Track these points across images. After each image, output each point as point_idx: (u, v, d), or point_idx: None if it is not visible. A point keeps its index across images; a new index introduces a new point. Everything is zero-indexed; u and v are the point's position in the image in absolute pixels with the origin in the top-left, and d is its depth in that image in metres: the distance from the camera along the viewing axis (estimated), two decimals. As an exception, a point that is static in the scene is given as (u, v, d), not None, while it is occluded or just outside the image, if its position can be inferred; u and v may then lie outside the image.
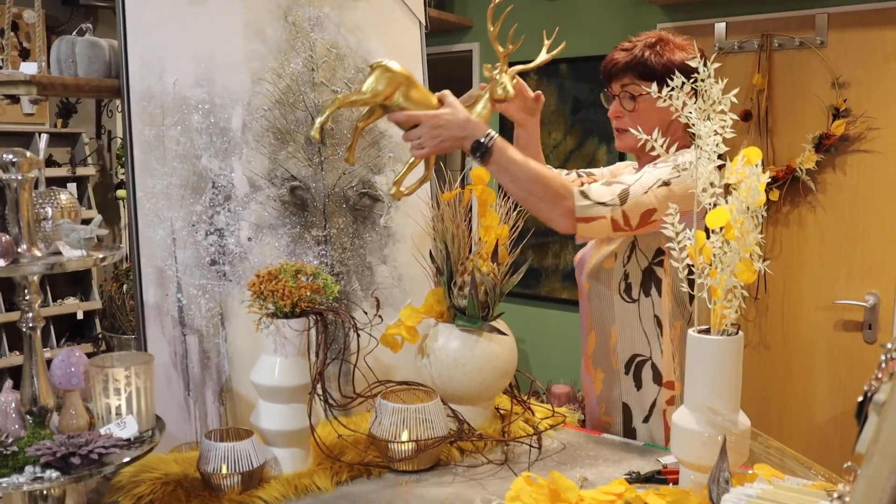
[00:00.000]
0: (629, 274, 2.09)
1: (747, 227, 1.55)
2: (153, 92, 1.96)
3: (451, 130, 1.94)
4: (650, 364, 2.08)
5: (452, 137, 1.94)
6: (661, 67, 2.02)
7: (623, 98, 2.10)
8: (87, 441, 1.45)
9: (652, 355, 2.08)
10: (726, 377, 1.57)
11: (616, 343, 2.13)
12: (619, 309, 2.12)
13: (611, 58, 2.13)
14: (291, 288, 1.73)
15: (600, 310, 2.17)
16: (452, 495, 1.73)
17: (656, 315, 2.07)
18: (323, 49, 2.22)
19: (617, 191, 1.91)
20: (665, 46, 2.06)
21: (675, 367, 2.06)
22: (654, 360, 2.08)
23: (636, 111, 2.08)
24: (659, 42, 2.07)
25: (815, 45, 3.45)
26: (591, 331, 2.21)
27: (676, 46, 2.07)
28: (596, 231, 1.93)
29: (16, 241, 1.49)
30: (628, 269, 2.10)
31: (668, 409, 2.06)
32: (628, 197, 1.90)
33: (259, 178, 2.07)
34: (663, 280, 2.06)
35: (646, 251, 2.07)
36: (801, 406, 3.62)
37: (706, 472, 1.53)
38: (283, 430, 1.77)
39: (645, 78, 2.05)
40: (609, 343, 2.15)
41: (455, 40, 4.71)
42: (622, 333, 2.12)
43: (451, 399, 2.01)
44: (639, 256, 2.08)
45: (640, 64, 2.05)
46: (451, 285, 2.05)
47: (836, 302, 3.50)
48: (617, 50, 2.13)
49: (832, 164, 3.46)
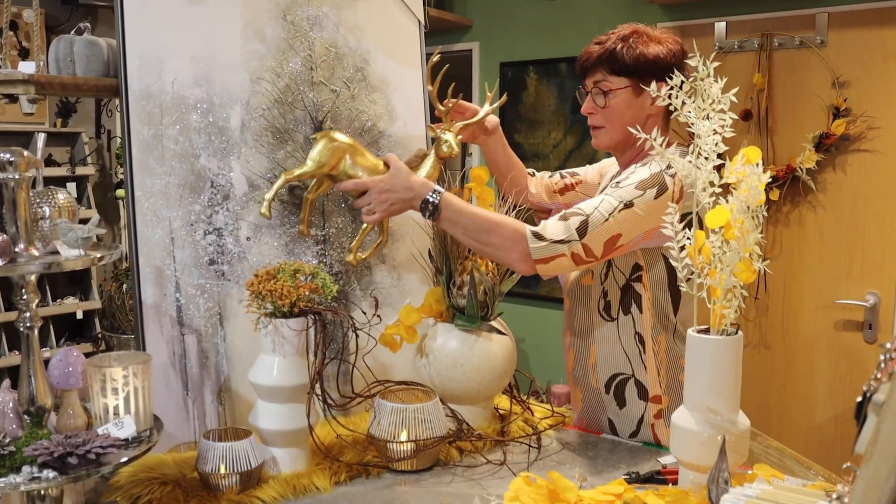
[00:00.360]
0: (608, 292, 2.05)
1: (747, 226, 1.54)
2: (152, 91, 1.95)
3: (398, 193, 1.94)
4: (633, 381, 2.03)
5: (401, 200, 1.95)
6: (632, 61, 1.97)
7: (595, 94, 2.04)
8: (85, 441, 1.45)
9: (635, 373, 2.03)
10: (726, 377, 1.56)
11: (595, 362, 2.08)
12: (598, 328, 2.07)
13: (585, 51, 2.07)
14: (290, 287, 1.73)
15: (580, 327, 2.12)
16: (451, 495, 1.72)
17: (638, 332, 2.02)
18: (322, 48, 2.21)
19: (575, 224, 1.86)
20: (638, 39, 1.99)
21: (660, 381, 2.01)
22: (638, 376, 2.02)
23: (608, 108, 2.02)
24: (633, 34, 2.00)
25: (815, 44, 3.45)
26: (571, 349, 2.16)
27: (651, 39, 2.00)
28: (557, 269, 1.89)
29: (13, 240, 1.49)
30: (606, 286, 2.05)
31: (657, 422, 2.02)
32: (587, 228, 1.85)
33: (258, 178, 2.07)
34: (643, 295, 2.01)
35: (622, 268, 2.02)
36: (801, 406, 3.62)
37: (705, 472, 1.52)
38: (282, 429, 1.77)
39: (617, 73, 1.99)
40: (588, 361, 2.11)
41: (455, 40, 4.70)
42: (601, 352, 2.07)
43: (450, 399, 2.01)
44: (616, 274, 2.03)
45: (611, 57, 1.99)
46: (449, 285, 2.04)
47: (836, 302, 3.49)
48: (592, 44, 2.07)
49: (832, 164, 3.46)
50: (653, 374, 2.01)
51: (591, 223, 1.85)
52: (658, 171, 1.88)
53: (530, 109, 4.43)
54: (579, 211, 1.88)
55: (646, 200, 1.86)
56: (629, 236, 1.88)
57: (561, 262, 1.87)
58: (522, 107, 4.46)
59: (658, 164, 1.89)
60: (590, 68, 2.04)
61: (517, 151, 2.43)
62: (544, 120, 4.38)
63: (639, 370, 2.02)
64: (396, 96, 2.36)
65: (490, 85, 2.39)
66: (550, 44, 4.27)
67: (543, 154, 4.43)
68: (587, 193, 2.29)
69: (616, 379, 2.04)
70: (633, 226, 1.87)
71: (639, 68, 1.96)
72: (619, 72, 1.98)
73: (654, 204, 1.85)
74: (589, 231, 1.85)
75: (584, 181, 2.36)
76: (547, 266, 1.88)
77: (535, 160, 4.43)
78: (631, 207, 1.85)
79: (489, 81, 4.53)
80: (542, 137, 4.43)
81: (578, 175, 2.38)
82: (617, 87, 1.99)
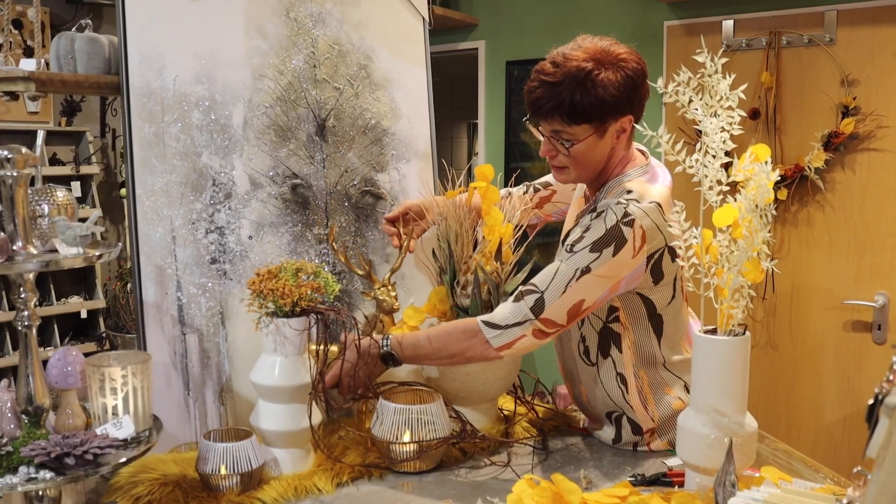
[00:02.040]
0: (585, 336, 1.97)
1: (755, 225, 1.52)
2: (153, 88, 1.94)
3: (362, 368, 1.88)
4: (626, 418, 1.97)
5: (367, 367, 1.89)
6: (593, 108, 1.79)
7: (557, 144, 1.88)
8: (83, 441, 1.43)
9: (625, 412, 1.97)
10: (733, 378, 1.54)
11: (588, 400, 2.04)
12: (581, 370, 2.02)
13: (533, 91, 1.86)
14: (292, 287, 1.71)
15: (567, 367, 2.07)
16: (454, 497, 1.70)
17: (619, 373, 1.94)
18: (325, 45, 2.19)
19: (529, 304, 1.78)
20: (598, 76, 1.78)
21: (650, 415, 1.95)
22: (628, 414, 1.97)
23: (572, 154, 1.86)
24: (592, 72, 1.79)
25: (824, 42, 3.41)
26: (566, 381, 2.11)
27: (606, 65, 1.80)
28: (524, 348, 1.84)
29: (11, 238, 1.48)
30: (583, 331, 1.97)
31: (653, 440, 1.97)
32: (544, 305, 1.78)
33: (260, 176, 2.05)
34: (622, 335, 1.93)
35: (598, 312, 1.93)
36: (809, 407, 3.58)
37: (712, 474, 1.51)
38: (283, 430, 1.75)
39: (577, 122, 1.81)
40: (582, 398, 2.06)
41: (460, 38, 4.68)
42: (590, 393, 2.02)
43: (454, 400, 1.99)
44: (592, 319, 1.95)
45: (570, 109, 1.80)
46: (453, 284, 2.02)
47: (844, 302, 3.46)
48: (539, 78, 1.85)
49: (841, 163, 3.42)
50: (640, 411, 1.95)
51: (547, 299, 1.78)
52: (614, 222, 1.76)
53: (536, 108, 4.40)
54: (534, 288, 1.80)
55: (603, 262, 1.76)
56: (593, 298, 1.80)
57: (524, 343, 1.81)
58: (528, 106, 4.44)
59: (614, 214, 1.77)
60: (543, 115, 1.86)
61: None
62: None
63: (626, 409, 1.96)
64: (401, 94, 2.34)
65: (496, 86, 2.36)
66: (557, 42, 4.22)
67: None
68: (564, 201, 2.21)
69: (612, 414, 1.99)
70: (595, 288, 1.78)
71: (601, 112, 1.80)
72: (579, 121, 1.82)
73: (612, 262, 1.76)
74: (546, 307, 1.78)
75: (559, 190, 2.25)
76: (511, 350, 1.83)
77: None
78: (588, 273, 1.76)
79: (495, 80, 4.52)
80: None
81: (552, 185, 2.26)
82: (580, 138, 1.84)
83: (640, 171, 1.91)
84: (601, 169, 1.90)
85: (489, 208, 2.05)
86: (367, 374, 1.89)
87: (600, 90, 1.78)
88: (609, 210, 1.78)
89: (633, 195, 1.82)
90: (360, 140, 2.23)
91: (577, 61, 1.80)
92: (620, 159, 1.91)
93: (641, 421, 1.96)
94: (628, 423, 1.97)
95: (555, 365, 2.14)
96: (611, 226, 1.76)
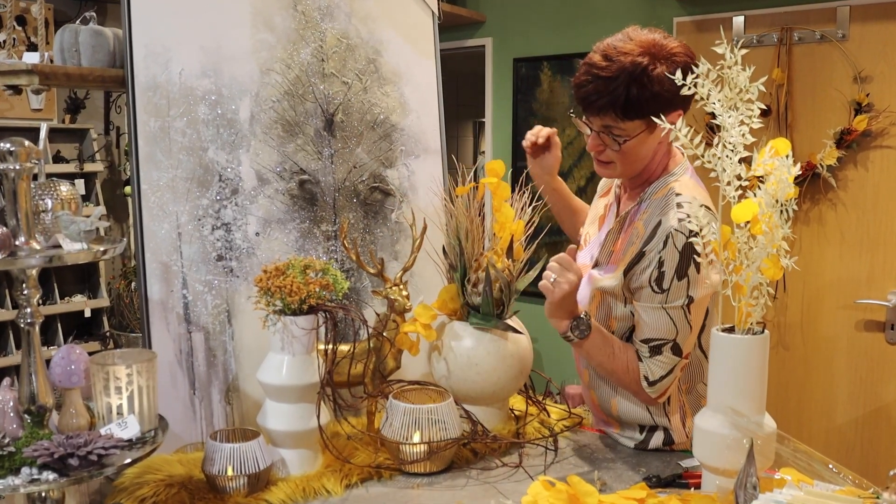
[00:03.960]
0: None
1: (775, 221, 1.48)
2: (158, 82, 1.90)
3: (572, 291, 1.82)
4: (661, 430, 1.94)
5: (570, 297, 1.82)
6: (647, 104, 1.76)
7: (605, 137, 1.85)
8: (87, 441, 1.40)
9: (660, 424, 1.94)
10: (751, 377, 1.51)
11: (619, 415, 1.98)
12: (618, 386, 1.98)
13: (586, 85, 1.81)
14: (300, 284, 1.67)
15: (596, 379, 2.02)
16: (466, 499, 1.67)
17: None
18: (333, 39, 2.16)
19: (669, 352, 1.83)
20: (652, 70, 1.75)
21: (686, 430, 1.93)
22: (663, 425, 1.94)
23: (622, 150, 1.84)
24: (647, 66, 1.75)
25: (836, 38, 3.37)
26: (591, 390, 2.05)
27: (660, 59, 1.76)
28: (673, 382, 1.88)
29: (13, 233, 1.44)
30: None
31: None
32: (682, 347, 1.83)
33: (267, 172, 2.02)
34: None
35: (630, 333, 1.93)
36: (821, 408, 3.54)
37: (730, 476, 1.47)
38: (291, 430, 1.72)
39: (631, 117, 1.79)
40: (612, 411, 2.00)
41: (467, 35, 4.64)
42: (623, 407, 1.97)
43: (465, 399, 1.95)
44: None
45: (625, 104, 1.76)
46: (464, 282, 1.99)
47: (857, 301, 3.42)
48: (592, 72, 1.80)
49: (854, 161, 3.38)
50: (678, 426, 1.94)
51: (681, 341, 1.82)
52: (684, 242, 1.76)
53: (544, 106, 4.37)
54: (663, 340, 1.83)
55: (695, 283, 1.79)
56: (702, 315, 1.87)
57: (675, 378, 1.87)
58: (536, 103, 4.40)
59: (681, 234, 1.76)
60: (596, 110, 1.82)
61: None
62: (558, 117, 4.31)
63: (663, 421, 1.94)
64: (410, 89, 2.31)
65: (503, 83, 2.33)
66: (565, 39, 4.21)
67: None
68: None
69: (645, 428, 1.96)
70: (703, 306, 1.85)
71: (656, 108, 1.74)
72: (632, 117, 1.79)
73: (701, 278, 1.79)
74: (684, 347, 1.83)
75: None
76: (667, 393, 1.89)
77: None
78: (693, 301, 1.80)
79: (502, 78, 4.48)
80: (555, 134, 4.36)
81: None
82: (633, 134, 1.81)
83: (682, 168, 1.90)
84: (646, 165, 1.89)
85: (500, 204, 2.02)
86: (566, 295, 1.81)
87: (656, 86, 1.75)
88: (673, 233, 1.77)
89: (683, 198, 1.81)
90: (369, 135, 2.20)
91: (631, 55, 1.76)
92: (663, 155, 1.90)
93: (676, 435, 1.93)
94: (662, 433, 1.94)
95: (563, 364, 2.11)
96: (682, 247, 1.76)
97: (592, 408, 2.10)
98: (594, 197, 2.20)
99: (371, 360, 1.93)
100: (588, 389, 2.07)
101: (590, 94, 1.80)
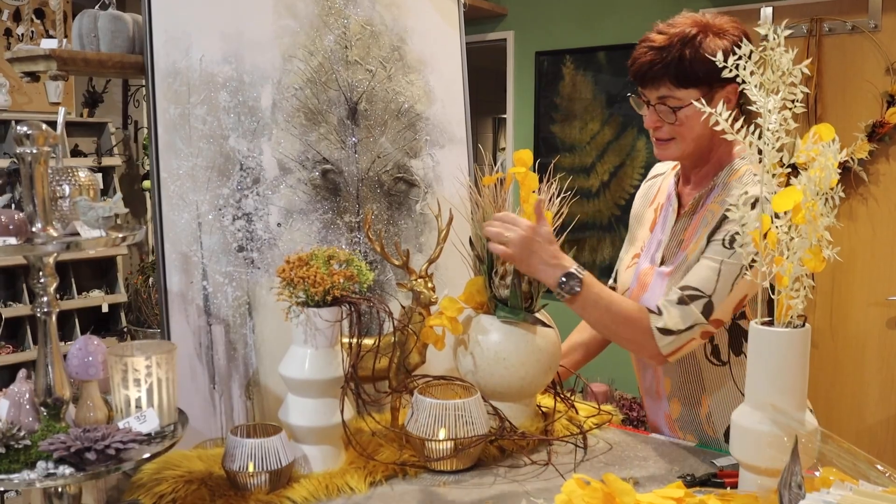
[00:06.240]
0: (713, 336, 1.86)
1: (819, 209, 1.42)
2: (179, 68, 1.86)
3: (543, 250, 1.78)
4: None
5: (539, 259, 1.78)
6: (700, 68, 1.76)
7: (661, 109, 1.84)
8: (104, 435, 1.35)
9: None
10: (792, 373, 1.45)
11: (710, 413, 1.92)
12: (707, 374, 1.90)
13: (641, 57, 1.84)
14: (323, 275, 1.63)
15: (682, 376, 1.94)
16: (494, 497, 1.62)
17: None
18: (357, 26, 2.11)
19: (698, 308, 1.75)
20: (705, 39, 1.77)
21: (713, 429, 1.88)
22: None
23: (678, 122, 1.83)
24: (698, 35, 1.78)
25: (868, 28, 3.30)
26: (673, 398, 1.97)
27: (714, 32, 1.79)
28: (688, 350, 1.81)
29: (30, 219, 1.39)
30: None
31: None
32: (713, 308, 1.75)
33: (289, 161, 1.97)
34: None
35: None
36: (851, 407, 3.47)
37: (770, 475, 1.42)
38: (314, 426, 1.67)
39: (685, 84, 1.79)
40: (700, 413, 1.93)
41: (489, 29, 4.59)
42: (716, 401, 1.90)
43: (492, 395, 1.90)
44: None
45: (678, 70, 1.78)
46: (491, 274, 1.93)
47: (889, 298, 3.34)
48: (647, 45, 1.83)
49: (886, 154, 3.32)
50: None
51: (716, 301, 1.75)
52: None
53: (566, 100, 4.31)
54: (698, 292, 1.75)
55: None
56: (753, 291, 1.76)
57: (692, 346, 1.80)
58: (558, 97, 4.34)
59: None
60: (651, 80, 1.83)
61: (552, 143, 2.30)
62: (581, 111, 4.26)
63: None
64: (435, 77, 2.25)
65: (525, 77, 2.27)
66: (587, 32, 4.15)
67: (580, 146, 4.30)
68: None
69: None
70: (752, 286, 1.73)
71: (709, 75, 1.75)
72: (688, 84, 1.79)
73: None
74: (715, 310, 1.75)
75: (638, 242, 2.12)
76: (678, 354, 1.80)
77: (570, 152, 4.31)
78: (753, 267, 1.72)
79: (524, 71, 4.42)
80: (578, 129, 4.30)
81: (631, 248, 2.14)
82: (688, 102, 1.80)
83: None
84: (706, 146, 1.85)
85: (528, 195, 1.96)
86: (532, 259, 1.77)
87: (710, 51, 1.75)
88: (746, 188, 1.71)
89: None
90: (393, 124, 2.15)
91: (683, 26, 1.82)
92: (725, 141, 1.85)
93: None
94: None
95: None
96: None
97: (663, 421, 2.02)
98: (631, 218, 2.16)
99: (396, 354, 1.89)
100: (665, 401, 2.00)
101: (644, 64, 1.83)
